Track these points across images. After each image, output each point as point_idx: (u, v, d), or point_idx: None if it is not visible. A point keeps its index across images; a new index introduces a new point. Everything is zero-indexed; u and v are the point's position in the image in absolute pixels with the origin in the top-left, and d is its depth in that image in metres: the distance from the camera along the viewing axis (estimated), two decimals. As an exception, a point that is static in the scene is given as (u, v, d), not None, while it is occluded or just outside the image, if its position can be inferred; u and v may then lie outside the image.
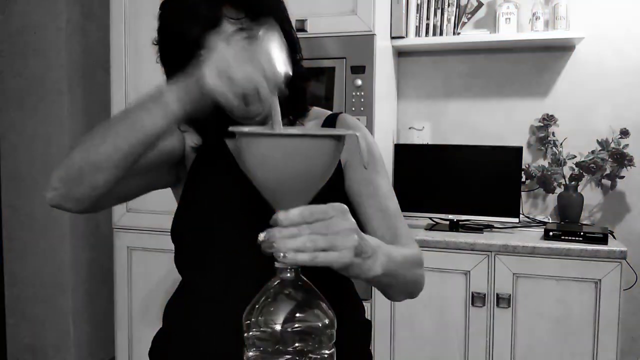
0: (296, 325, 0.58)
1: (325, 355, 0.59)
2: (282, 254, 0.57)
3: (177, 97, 0.69)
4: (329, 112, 0.97)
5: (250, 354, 0.58)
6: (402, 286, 0.83)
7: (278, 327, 0.57)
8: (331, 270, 0.62)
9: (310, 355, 0.57)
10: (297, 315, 0.58)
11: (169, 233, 0.92)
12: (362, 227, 0.89)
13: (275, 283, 0.60)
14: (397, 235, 0.89)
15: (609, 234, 2.00)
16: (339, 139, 0.61)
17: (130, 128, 0.72)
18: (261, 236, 0.59)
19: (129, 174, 0.77)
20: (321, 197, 0.64)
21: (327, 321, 0.59)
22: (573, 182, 2.27)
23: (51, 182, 0.77)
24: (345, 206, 0.63)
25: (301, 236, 0.58)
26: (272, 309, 0.58)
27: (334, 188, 0.73)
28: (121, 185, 0.78)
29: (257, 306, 0.60)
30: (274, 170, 0.58)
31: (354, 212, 0.90)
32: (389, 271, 0.71)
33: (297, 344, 0.57)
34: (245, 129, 0.60)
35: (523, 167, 2.30)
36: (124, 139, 0.72)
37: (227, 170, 0.89)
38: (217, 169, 0.91)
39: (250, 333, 0.59)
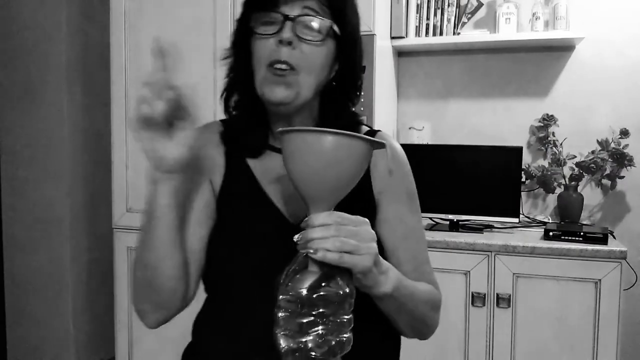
0: (320, 291, 0.66)
1: (345, 320, 0.66)
2: (312, 250, 0.66)
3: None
4: (367, 128, 0.97)
5: (280, 314, 0.67)
6: (409, 318, 0.85)
7: (304, 292, 0.65)
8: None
9: (330, 318, 0.65)
10: (321, 283, 0.66)
11: None
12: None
13: (304, 255, 0.68)
14: (424, 280, 0.90)
15: (609, 234, 2.00)
16: (371, 144, 0.70)
17: (152, 218, 0.78)
18: (296, 237, 0.68)
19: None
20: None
21: (347, 290, 0.67)
22: (573, 182, 2.28)
23: (138, 311, 0.85)
24: (368, 220, 0.71)
25: (331, 238, 0.66)
26: (299, 276, 0.67)
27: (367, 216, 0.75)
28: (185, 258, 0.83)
29: (288, 273, 0.68)
30: (309, 164, 0.68)
31: (383, 249, 0.90)
32: (398, 294, 0.77)
33: (319, 309, 0.65)
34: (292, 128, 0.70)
35: (523, 167, 2.30)
36: (161, 232, 0.79)
37: (253, 198, 0.88)
38: (243, 196, 0.89)
39: (281, 296, 0.67)
